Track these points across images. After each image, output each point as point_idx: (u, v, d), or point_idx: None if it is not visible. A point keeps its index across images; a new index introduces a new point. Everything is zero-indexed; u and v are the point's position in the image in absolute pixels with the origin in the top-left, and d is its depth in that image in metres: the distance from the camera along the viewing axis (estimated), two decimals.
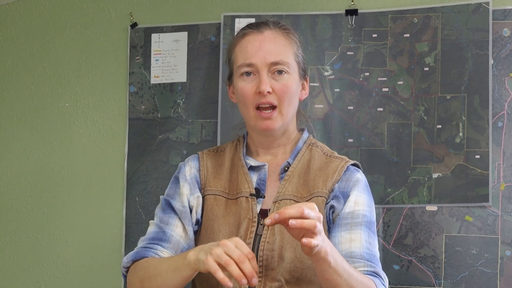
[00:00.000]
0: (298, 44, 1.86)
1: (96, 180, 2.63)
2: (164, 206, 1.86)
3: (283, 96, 1.79)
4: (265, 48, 1.79)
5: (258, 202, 1.80)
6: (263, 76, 1.77)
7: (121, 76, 2.62)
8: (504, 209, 2.26)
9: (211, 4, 2.56)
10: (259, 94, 1.77)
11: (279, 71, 1.79)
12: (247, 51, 1.80)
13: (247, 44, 1.82)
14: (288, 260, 1.73)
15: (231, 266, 1.50)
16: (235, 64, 1.83)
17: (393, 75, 2.37)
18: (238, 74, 1.81)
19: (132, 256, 1.78)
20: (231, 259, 1.50)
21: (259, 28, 1.83)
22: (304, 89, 1.90)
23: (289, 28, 1.87)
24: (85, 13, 2.68)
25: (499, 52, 2.30)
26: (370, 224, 1.78)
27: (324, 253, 1.54)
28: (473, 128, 2.30)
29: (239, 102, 1.84)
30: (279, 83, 1.79)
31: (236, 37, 1.87)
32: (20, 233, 2.69)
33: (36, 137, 2.69)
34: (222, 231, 1.78)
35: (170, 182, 1.91)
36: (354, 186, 1.80)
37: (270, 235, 1.75)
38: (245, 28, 1.86)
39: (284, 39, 1.83)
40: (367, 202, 1.80)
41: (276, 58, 1.79)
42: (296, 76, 1.83)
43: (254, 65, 1.79)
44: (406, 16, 2.38)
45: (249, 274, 1.50)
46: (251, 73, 1.79)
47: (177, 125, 2.54)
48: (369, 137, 2.38)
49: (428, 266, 2.30)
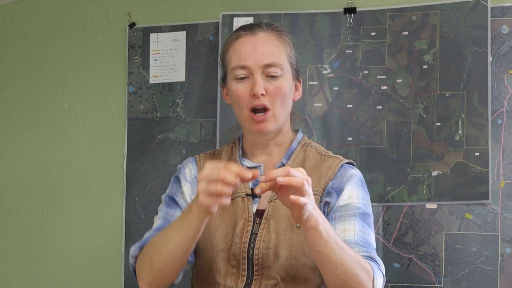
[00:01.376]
0: (291, 46, 1.88)
1: (95, 180, 2.63)
2: (168, 202, 1.88)
3: (276, 98, 1.80)
4: (259, 50, 1.81)
5: (254, 202, 1.81)
6: (257, 78, 1.79)
7: (120, 76, 2.62)
8: (504, 206, 2.26)
9: (209, 3, 2.56)
10: (253, 96, 1.79)
11: (273, 76, 1.80)
12: (241, 53, 1.82)
13: (240, 46, 1.83)
14: (284, 258, 1.74)
15: (222, 188, 1.50)
16: (229, 66, 1.84)
17: (392, 73, 2.37)
18: (232, 76, 1.83)
19: (140, 243, 1.79)
20: (216, 181, 1.51)
21: (252, 30, 1.84)
22: (298, 90, 1.92)
23: (282, 30, 1.88)
24: (84, 13, 2.68)
25: (498, 49, 2.30)
26: (365, 215, 1.78)
27: (315, 222, 1.55)
28: (472, 126, 2.29)
29: (234, 103, 1.86)
30: (273, 85, 1.80)
31: (229, 39, 1.88)
32: (19, 233, 2.69)
33: (35, 137, 2.69)
34: (219, 230, 1.80)
35: (171, 182, 1.93)
36: (348, 181, 1.81)
37: (266, 233, 1.76)
38: (238, 30, 1.87)
39: (277, 40, 1.85)
40: (361, 196, 1.81)
41: (270, 60, 1.80)
42: (289, 78, 1.84)
43: (248, 67, 1.80)
44: (405, 14, 2.37)
45: (241, 173, 1.51)
46: (245, 77, 1.81)
47: (176, 124, 2.54)
48: (369, 135, 2.38)
49: (428, 264, 2.30)
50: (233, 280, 1.75)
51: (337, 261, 1.59)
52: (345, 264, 1.60)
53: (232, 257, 1.76)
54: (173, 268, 1.71)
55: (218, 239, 1.79)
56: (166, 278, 1.74)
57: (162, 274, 1.72)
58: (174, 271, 1.73)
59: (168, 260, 1.69)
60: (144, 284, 1.75)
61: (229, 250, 1.77)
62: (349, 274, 1.61)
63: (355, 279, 1.62)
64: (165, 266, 1.70)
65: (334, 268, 1.60)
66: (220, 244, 1.78)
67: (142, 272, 1.75)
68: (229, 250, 1.77)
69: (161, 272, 1.71)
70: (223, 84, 1.91)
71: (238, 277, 1.76)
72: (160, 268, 1.71)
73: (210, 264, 1.79)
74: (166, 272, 1.71)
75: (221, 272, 1.77)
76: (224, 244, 1.78)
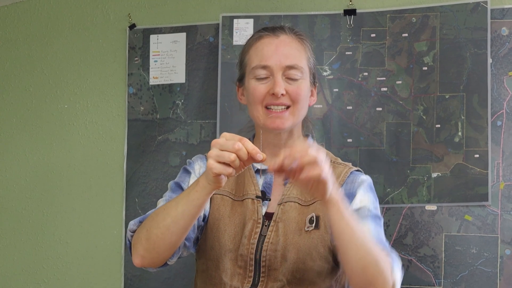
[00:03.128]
0: (311, 51, 1.89)
1: (95, 181, 2.63)
2: (174, 187, 1.86)
3: (297, 99, 1.80)
4: (281, 51, 1.81)
5: (264, 204, 1.81)
6: (278, 79, 1.79)
7: (120, 77, 2.62)
8: (503, 208, 2.26)
9: (209, 5, 2.56)
10: (272, 95, 1.79)
11: (293, 78, 1.80)
12: (263, 53, 1.82)
13: (263, 46, 1.83)
14: (291, 261, 1.74)
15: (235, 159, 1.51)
16: (249, 65, 1.84)
17: (391, 75, 2.37)
18: (252, 75, 1.82)
19: (140, 218, 1.77)
20: (229, 151, 1.51)
21: (275, 32, 1.85)
22: (313, 96, 1.92)
23: (303, 34, 1.89)
24: (84, 14, 2.68)
25: (497, 51, 2.30)
26: (377, 218, 1.78)
27: (338, 197, 1.55)
28: (472, 127, 2.29)
29: (249, 102, 1.85)
30: (293, 86, 1.80)
31: (250, 39, 1.88)
32: (20, 234, 2.69)
33: (35, 138, 2.70)
34: (227, 230, 1.80)
35: (180, 172, 1.91)
36: (359, 186, 1.81)
37: (274, 236, 1.76)
38: (261, 31, 1.87)
39: (299, 44, 1.85)
40: (372, 200, 1.81)
41: (292, 62, 1.80)
42: (307, 82, 1.85)
43: (269, 67, 1.80)
44: (405, 16, 2.37)
45: (253, 152, 1.51)
46: (265, 77, 1.80)
47: (176, 126, 2.54)
48: (368, 137, 2.38)
49: (428, 265, 2.30)
50: (239, 281, 1.75)
51: (358, 242, 1.58)
52: (366, 246, 1.58)
53: (239, 257, 1.76)
54: (169, 242, 1.67)
55: (227, 239, 1.79)
56: (161, 253, 1.70)
57: (157, 248, 1.68)
58: (169, 247, 1.69)
59: (166, 233, 1.66)
60: (137, 258, 1.71)
61: (237, 251, 1.77)
62: (370, 259, 1.58)
63: (375, 265, 1.59)
64: (162, 239, 1.66)
65: (355, 250, 1.58)
66: (228, 244, 1.78)
67: (137, 244, 1.71)
68: (237, 251, 1.77)
69: (156, 245, 1.68)
70: (239, 84, 1.90)
71: (244, 278, 1.76)
72: (156, 240, 1.67)
73: (217, 263, 1.79)
74: (162, 246, 1.68)
75: (228, 272, 1.77)
76: (232, 245, 1.78)
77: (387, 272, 1.61)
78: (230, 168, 1.52)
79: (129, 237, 1.78)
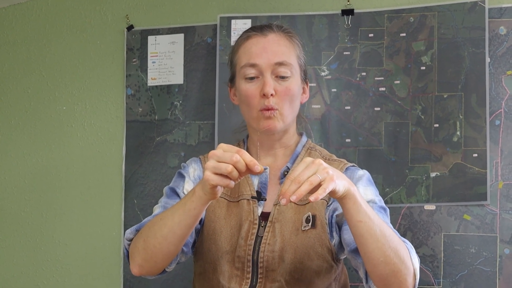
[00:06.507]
0: (300, 48, 1.89)
1: (94, 183, 2.63)
2: (170, 193, 1.86)
3: (284, 99, 1.80)
4: (269, 49, 1.81)
5: (259, 204, 1.81)
6: (267, 78, 1.79)
7: (118, 78, 2.62)
8: (502, 207, 2.26)
9: (207, 6, 2.56)
10: (263, 96, 1.78)
11: (282, 76, 1.80)
12: (251, 52, 1.82)
13: (251, 45, 1.83)
14: (289, 261, 1.74)
15: (232, 171, 1.50)
16: (238, 65, 1.84)
17: (389, 75, 2.37)
18: (242, 75, 1.82)
19: (136, 227, 1.76)
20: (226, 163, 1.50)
21: (263, 31, 1.85)
22: (305, 93, 1.92)
23: (292, 32, 1.89)
24: (82, 16, 2.68)
25: (495, 50, 2.30)
26: (382, 209, 1.76)
27: (352, 191, 1.53)
28: (470, 127, 2.29)
29: (242, 103, 1.85)
30: (282, 85, 1.80)
31: (239, 39, 1.88)
32: (19, 236, 2.69)
33: (34, 140, 2.69)
34: (223, 232, 1.80)
35: (175, 176, 1.91)
36: (358, 181, 1.80)
37: (271, 237, 1.76)
38: (249, 31, 1.87)
39: (287, 41, 1.85)
40: (375, 192, 1.80)
41: (281, 59, 1.80)
42: (298, 79, 1.84)
43: (258, 66, 1.80)
44: (402, 16, 2.37)
45: (251, 164, 1.50)
46: (255, 77, 1.80)
47: (175, 127, 2.54)
48: (367, 137, 2.38)
49: (427, 265, 2.30)
50: (237, 283, 1.75)
51: (377, 232, 1.55)
52: (385, 235, 1.56)
53: (237, 259, 1.76)
54: (167, 252, 1.68)
55: (223, 241, 1.78)
56: (158, 262, 1.70)
57: (155, 257, 1.68)
58: (167, 256, 1.69)
59: (163, 243, 1.66)
60: (135, 267, 1.71)
61: (234, 253, 1.77)
62: (390, 247, 1.56)
63: (395, 253, 1.56)
64: (159, 249, 1.67)
65: (376, 241, 1.55)
66: (225, 246, 1.78)
67: (135, 254, 1.71)
68: (234, 253, 1.77)
69: (154, 254, 1.68)
70: (230, 85, 1.91)
71: (242, 280, 1.76)
72: (154, 250, 1.67)
73: (214, 266, 1.79)
74: (159, 256, 1.68)
75: (226, 274, 1.77)
76: (229, 246, 1.78)
77: (407, 261, 1.59)
78: (227, 180, 1.52)
79: (126, 246, 1.78)
